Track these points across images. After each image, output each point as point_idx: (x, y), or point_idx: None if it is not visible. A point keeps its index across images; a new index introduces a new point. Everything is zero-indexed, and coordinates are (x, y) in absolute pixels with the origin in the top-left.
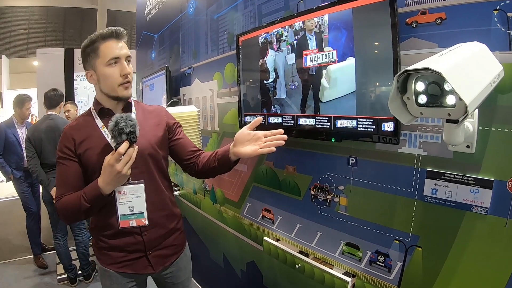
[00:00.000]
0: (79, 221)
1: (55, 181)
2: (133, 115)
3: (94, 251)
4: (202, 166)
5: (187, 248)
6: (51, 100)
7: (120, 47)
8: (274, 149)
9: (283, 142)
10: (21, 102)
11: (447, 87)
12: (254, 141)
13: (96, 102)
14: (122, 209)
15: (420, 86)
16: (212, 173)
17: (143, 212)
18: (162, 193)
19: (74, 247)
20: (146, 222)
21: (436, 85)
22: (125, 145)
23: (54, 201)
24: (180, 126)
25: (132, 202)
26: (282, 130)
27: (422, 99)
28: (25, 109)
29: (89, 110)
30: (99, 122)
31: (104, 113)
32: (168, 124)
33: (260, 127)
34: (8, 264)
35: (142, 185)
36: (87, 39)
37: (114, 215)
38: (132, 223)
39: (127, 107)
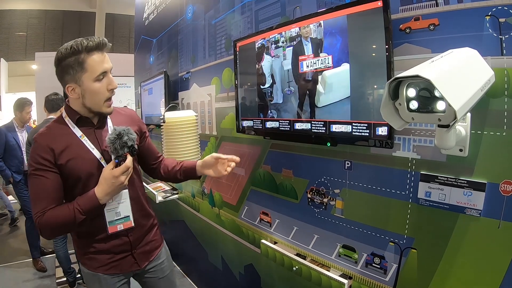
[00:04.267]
0: (64, 234)
1: (30, 195)
2: (109, 121)
3: (77, 258)
4: (166, 174)
5: (165, 242)
6: (53, 103)
7: (106, 60)
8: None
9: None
10: (21, 106)
11: (437, 93)
12: (221, 164)
13: (72, 111)
14: (109, 216)
15: (411, 92)
16: (173, 181)
17: (129, 216)
18: (141, 194)
19: (73, 250)
20: (133, 224)
21: (427, 91)
22: (130, 158)
23: (34, 217)
24: (148, 132)
25: (119, 207)
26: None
27: (414, 105)
28: (25, 113)
29: (61, 117)
30: (77, 131)
31: (81, 122)
32: (141, 130)
33: (257, 132)
34: (7, 267)
35: (126, 190)
36: (67, 49)
37: (101, 220)
38: (120, 227)
39: (104, 116)
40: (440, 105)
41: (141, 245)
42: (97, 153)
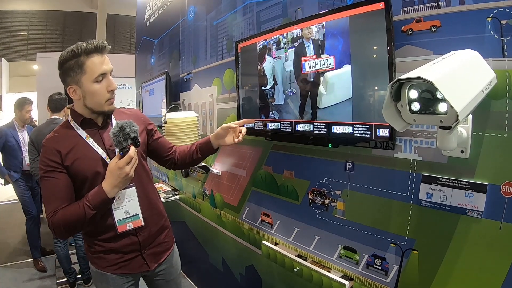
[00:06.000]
0: (76, 233)
1: (43, 197)
2: (113, 121)
3: (87, 256)
4: (183, 159)
5: (176, 246)
6: (56, 103)
7: (105, 62)
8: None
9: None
10: (21, 104)
11: (439, 95)
12: (232, 132)
13: (76, 113)
14: (118, 214)
15: (413, 94)
16: (193, 164)
17: (138, 214)
18: (150, 193)
19: (74, 250)
20: (143, 223)
21: (429, 93)
22: (133, 149)
23: (47, 217)
24: (155, 126)
25: (127, 206)
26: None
27: (416, 106)
28: (25, 112)
29: (67, 122)
30: (82, 133)
31: (86, 124)
32: (147, 128)
33: (258, 133)
34: (8, 268)
35: (134, 188)
36: (68, 52)
37: (110, 219)
38: (129, 225)
39: (107, 116)
40: (442, 107)
41: (151, 245)
42: (102, 152)
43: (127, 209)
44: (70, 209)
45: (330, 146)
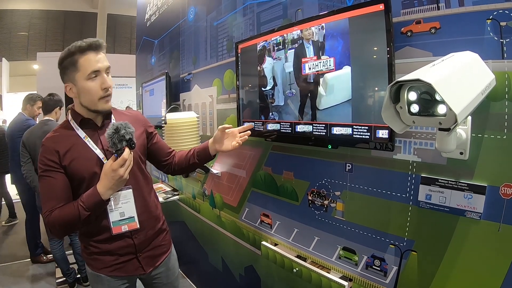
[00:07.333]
0: (72, 233)
1: (40, 196)
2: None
3: (83, 257)
4: (180, 164)
5: (173, 248)
6: (46, 105)
7: (99, 60)
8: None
9: (249, 133)
10: (34, 100)
11: (438, 97)
12: (231, 137)
13: (75, 113)
14: (113, 216)
15: (412, 95)
16: (190, 169)
17: (133, 216)
18: (147, 196)
19: (71, 250)
20: (138, 225)
21: (428, 95)
22: (128, 151)
23: (44, 216)
24: (155, 130)
25: (123, 207)
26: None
27: (414, 108)
28: (36, 107)
29: (67, 121)
30: (81, 133)
31: (85, 124)
32: (147, 130)
33: (258, 133)
34: (7, 267)
35: (130, 190)
36: (64, 52)
37: (105, 220)
38: (124, 228)
39: (107, 116)
40: (441, 109)
41: (147, 249)
42: (99, 153)
43: (123, 211)
44: (65, 209)
45: (330, 147)
